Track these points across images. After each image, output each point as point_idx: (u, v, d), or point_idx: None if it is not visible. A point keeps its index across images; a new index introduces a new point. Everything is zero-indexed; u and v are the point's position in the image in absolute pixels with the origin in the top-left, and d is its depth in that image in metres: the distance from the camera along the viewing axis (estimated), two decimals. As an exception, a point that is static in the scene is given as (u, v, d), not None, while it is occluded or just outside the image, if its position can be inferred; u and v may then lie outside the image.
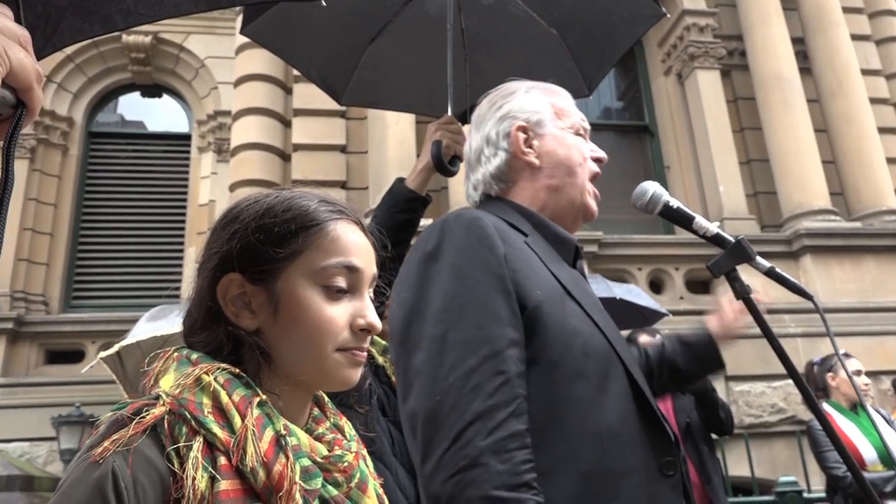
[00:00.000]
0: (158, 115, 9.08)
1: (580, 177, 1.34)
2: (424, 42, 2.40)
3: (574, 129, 1.38)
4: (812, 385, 3.80)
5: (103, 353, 4.03)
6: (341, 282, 0.85)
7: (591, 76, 2.54)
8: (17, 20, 0.63)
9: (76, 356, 7.25)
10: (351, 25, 2.42)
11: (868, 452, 3.45)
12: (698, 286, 7.09)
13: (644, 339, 3.95)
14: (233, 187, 6.97)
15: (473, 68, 2.46)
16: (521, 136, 1.34)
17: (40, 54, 1.77)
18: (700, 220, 1.37)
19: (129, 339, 3.85)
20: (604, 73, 2.57)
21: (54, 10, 1.73)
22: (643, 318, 4.68)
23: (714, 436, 3.81)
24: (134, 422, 0.72)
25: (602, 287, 4.49)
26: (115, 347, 3.92)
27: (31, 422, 6.64)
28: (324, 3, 1.90)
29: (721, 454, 4.06)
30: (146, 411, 0.74)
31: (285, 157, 7.26)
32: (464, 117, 2.32)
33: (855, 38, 8.21)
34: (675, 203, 1.39)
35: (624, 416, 1.09)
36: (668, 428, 1.14)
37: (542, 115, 1.36)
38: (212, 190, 8.22)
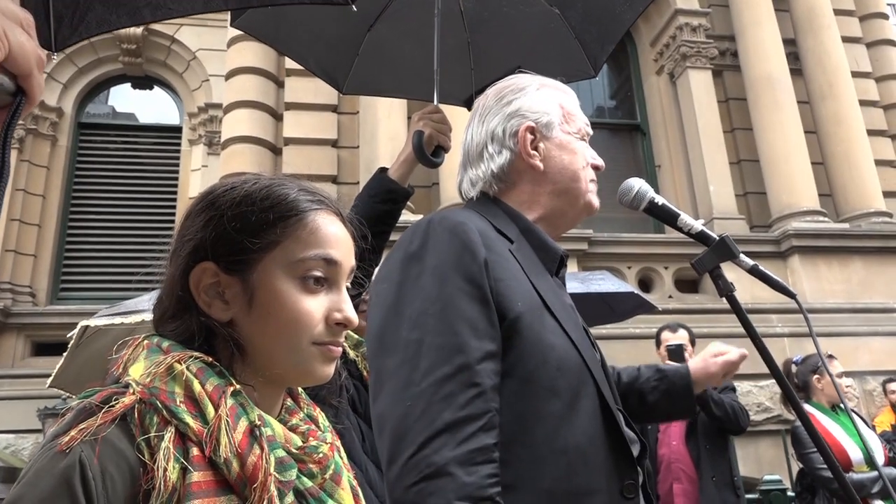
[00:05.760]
0: (149, 106, 9.02)
1: (583, 181, 1.32)
2: (424, 26, 2.32)
3: (580, 133, 1.36)
4: (791, 384, 3.80)
5: (86, 322, 3.95)
6: (319, 274, 0.83)
7: (596, 55, 2.46)
8: (46, 5, 0.59)
9: (63, 348, 7.16)
10: (347, 13, 2.37)
11: (855, 453, 3.45)
12: (687, 285, 7.12)
13: (665, 334, 4.01)
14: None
15: (477, 51, 2.39)
16: (529, 137, 1.30)
17: (66, 43, 1.77)
18: (685, 217, 1.37)
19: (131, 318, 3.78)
20: (607, 51, 2.48)
21: (83, 0, 1.70)
22: (610, 309, 4.68)
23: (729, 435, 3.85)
24: (102, 410, 0.70)
25: (576, 284, 4.45)
26: (104, 321, 3.84)
27: (16, 414, 6.58)
28: (354, 8, 1.84)
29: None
30: (115, 400, 0.72)
31: (276, 151, 7.23)
32: (469, 102, 2.28)
33: (846, 40, 8.25)
34: (660, 200, 1.39)
35: (591, 435, 1.08)
36: (632, 449, 1.13)
37: (552, 118, 1.32)
38: (202, 183, 8.16)
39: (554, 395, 1.07)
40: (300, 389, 0.92)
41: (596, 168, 1.37)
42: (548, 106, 1.33)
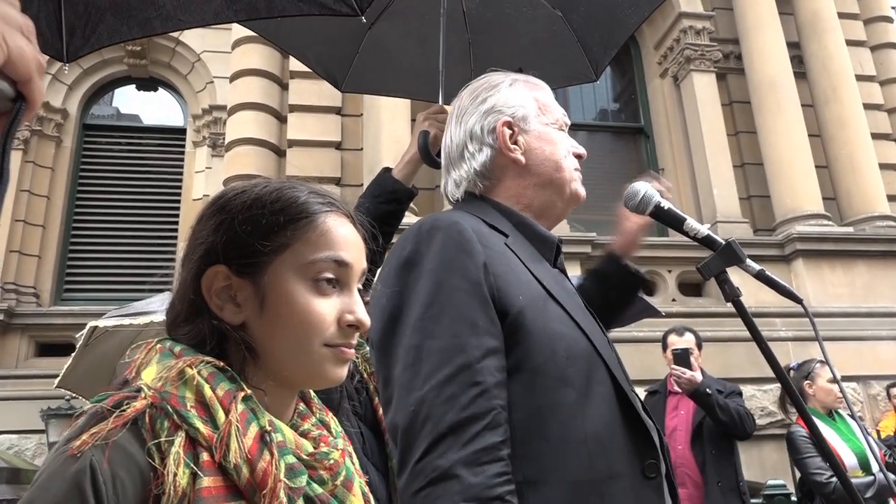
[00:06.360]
0: (153, 108, 9.04)
1: (566, 170, 1.32)
2: (425, 25, 2.31)
3: (557, 124, 1.36)
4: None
5: (95, 322, 3.95)
6: (330, 276, 0.83)
7: (598, 59, 2.46)
8: (58, 17, 0.59)
9: (67, 349, 7.17)
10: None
11: (849, 458, 3.47)
12: (691, 288, 7.10)
13: (672, 338, 4.01)
14: (227, 182, 6.94)
15: (477, 52, 2.37)
16: (507, 131, 1.30)
17: (78, 54, 1.78)
18: (691, 222, 1.36)
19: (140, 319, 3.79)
20: (609, 55, 2.48)
21: (94, 11, 1.72)
22: None
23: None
24: (114, 415, 0.70)
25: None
26: (113, 321, 3.85)
27: (20, 414, 6.59)
28: (363, 20, 1.84)
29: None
30: (127, 404, 0.72)
31: (280, 153, 7.24)
32: None
33: (850, 43, 8.23)
34: (666, 204, 1.39)
35: (608, 420, 1.08)
36: (649, 430, 1.13)
37: (528, 111, 1.33)
38: (206, 185, 8.18)
39: (566, 384, 1.07)
40: (313, 394, 0.92)
41: (578, 156, 1.36)
42: (522, 100, 1.34)
